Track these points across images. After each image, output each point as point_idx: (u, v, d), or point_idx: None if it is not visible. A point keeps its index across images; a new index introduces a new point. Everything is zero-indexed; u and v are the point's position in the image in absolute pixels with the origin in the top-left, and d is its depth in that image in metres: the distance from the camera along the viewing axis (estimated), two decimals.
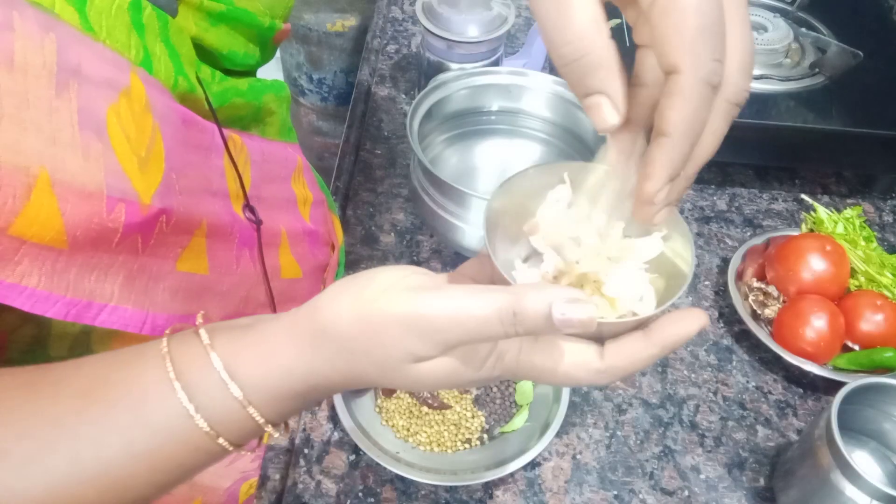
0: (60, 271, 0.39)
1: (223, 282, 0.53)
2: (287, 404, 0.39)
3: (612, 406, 0.71)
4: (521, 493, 0.64)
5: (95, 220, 0.39)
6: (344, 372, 0.38)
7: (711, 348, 0.76)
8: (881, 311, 0.72)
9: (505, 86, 0.86)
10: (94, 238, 0.39)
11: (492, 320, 0.34)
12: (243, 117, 0.57)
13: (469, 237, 0.76)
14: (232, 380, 0.38)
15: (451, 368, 0.37)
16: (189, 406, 0.37)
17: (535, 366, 0.38)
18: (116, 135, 0.39)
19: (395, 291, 0.36)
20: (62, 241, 0.38)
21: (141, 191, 0.41)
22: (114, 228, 0.40)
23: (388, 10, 1.16)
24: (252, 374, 0.38)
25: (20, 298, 0.37)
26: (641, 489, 0.65)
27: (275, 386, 0.38)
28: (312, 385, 0.39)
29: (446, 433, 0.66)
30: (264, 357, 0.39)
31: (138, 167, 0.41)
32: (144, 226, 0.42)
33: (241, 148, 0.55)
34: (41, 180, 0.36)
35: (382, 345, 0.36)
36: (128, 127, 0.40)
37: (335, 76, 1.33)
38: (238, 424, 0.38)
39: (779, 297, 0.75)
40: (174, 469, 0.39)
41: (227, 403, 0.38)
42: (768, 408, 0.72)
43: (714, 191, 0.92)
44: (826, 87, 0.90)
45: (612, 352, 0.38)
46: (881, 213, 0.91)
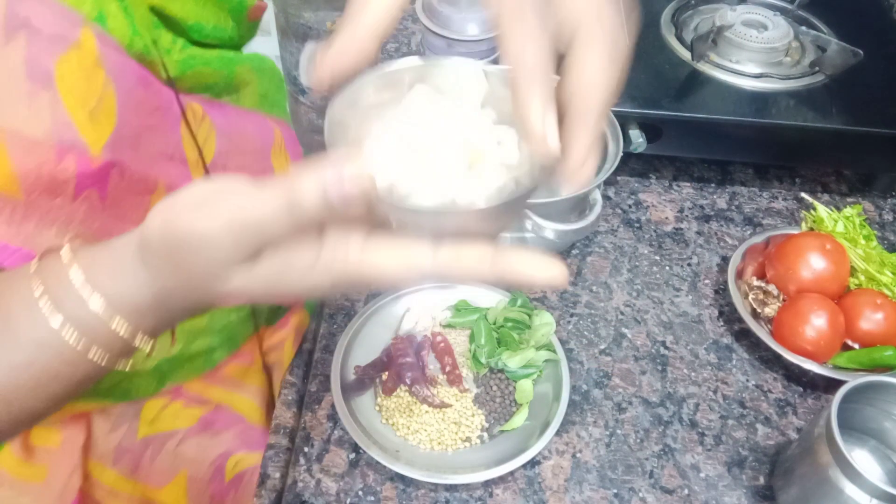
0: (18, 223, 0.40)
1: None
2: (152, 314, 0.39)
3: (611, 405, 0.71)
4: (520, 491, 0.64)
5: (46, 168, 0.39)
6: (173, 288, 0.37)
7: (711, 347, 0.76)
8: (881, 310, 0.72)
9: None
10: (48, 188, 0.40)
11: (273, 216, 0.33)
12: (212, 86, 0.56)
13: None
14: (93, 291, 0.37)
15: (269, 276, 0.36)
16: (54, 320, 0.37)
17: (364, 269, 0.35)
18: (65, 86, 0.40)
19: (190, 208, 0.35)
20: (15, 189, 0.39)
21: (90, 141, 0.41)
22: (65, 179, 0.40)
23: None
24: (109, 284, 0.38)
25: None
26: (641, 488, 0.65)
27: (132, 295, 0.38)
28: (160, 300, 0.38)
29: (446, 432, 0.66)
30: (116, 271, 0.38)
31: (88, 118, 0.41)
32: (97, 178, 0.42)
33: (203, 117, 0.55)
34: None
35: (188, 262, 0.36)
36: (77, 79, 0.40)
37: None
38: (107, 335, 0.38)
39: (779, 296, 0.75)
40: (56, 382, 0.39)
41: (91, 314, 0.37)
42: (768, 406, 0.72)
43: (714, 189, 0.92)
44: (826, 86, 0.90)
45: (447, 258, 0.35)
46: (881, 211, 0.91)
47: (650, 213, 0.88)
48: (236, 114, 0.60)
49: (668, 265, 0.83)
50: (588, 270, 0.82)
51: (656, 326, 0.77)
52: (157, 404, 0.63)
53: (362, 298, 0.77)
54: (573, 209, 0.75)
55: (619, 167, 0.75)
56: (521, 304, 0.73)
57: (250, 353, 0.66)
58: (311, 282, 0.36)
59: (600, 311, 0.78)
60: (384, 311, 0.74)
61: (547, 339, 0.71)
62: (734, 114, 0.86)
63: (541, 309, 0.74)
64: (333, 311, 0.76)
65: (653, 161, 0.94)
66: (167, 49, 0.50)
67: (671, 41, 0.93)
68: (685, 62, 0.91)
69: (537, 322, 0.72)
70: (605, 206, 0.85)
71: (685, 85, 0.89)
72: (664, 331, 0.77)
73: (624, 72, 0.36)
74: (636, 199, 0.90)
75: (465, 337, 0.73)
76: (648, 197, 0.90)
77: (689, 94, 0.89)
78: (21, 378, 0.38)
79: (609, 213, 0.88)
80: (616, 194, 0.90)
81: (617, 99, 0.36)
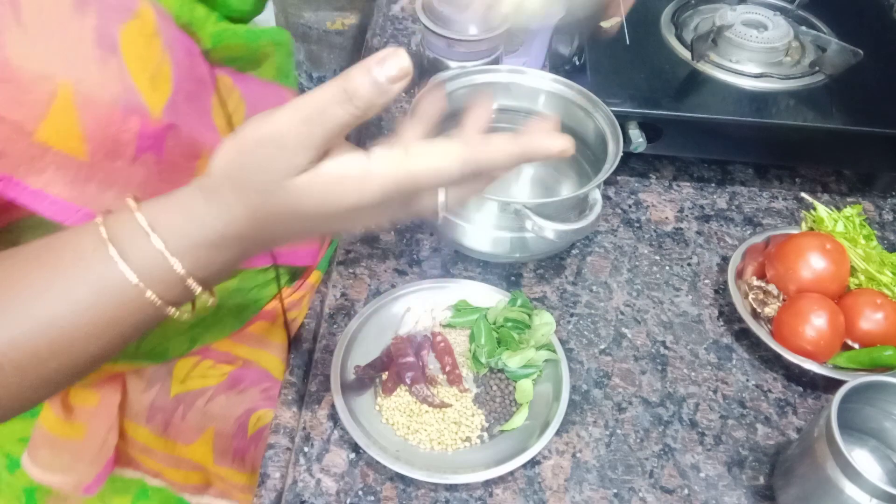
0: (82, 183, 0.43)
1: None
2: (207, 255, 0.41)
3: (611, 404, 0.71)
4: (520, 491, 0.64)
5: (111, 129, 0.42)
6: (242, 212, 0.40)
7: (711, 347, 0.76)
8: (881, 310, 0.72)
9: (505, 84, 0.86)
10: (111, 150, 0.43)
11: (330, 104, 0.37)
12: (238, 58, 0.59)
13: (468, 235, 0.76)
14: (153, 231, 0.40)
15: (328, 181, 0.39)
16: (119, 261, 0.39)
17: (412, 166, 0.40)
18: (129, 52, 0.43)
19: (257, 120, 0.39)
20: (82, 150, 0.42)
21: (151, 104, 0.44)
22: (128, 140, 0.43)
23: (388, 9, 1.15)
24: (171, 224, 0.40)
25: (44, 204, 0.41)
26: (641, 487, 0.65)
27: (192, 234, 0.40)
28: (224, 234, 0.40)
29: (446, 431, 0.66)
30: (179, 210, 0.41)
31: (149, 83, 0.44)
32: (155, 140, 0.45)
33: (232, 89, 0.58)
34: (63, 88, 0.40)
35: (260, 168, 0.39)
36: (139, 46, 0.44)
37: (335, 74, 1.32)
38: (164, 276, 0.40)
39: (779, 296, 0.75)
40: (115, 326, 0.41)
41: (151, 255, 0.40)
42: (768, 406, 0.72)
43: (714, 189, 0.92)
44: (826, 86, 0.90)
45: (478, 143, 0.41)
46: (881, 211, 0.91)
47: (650, 212, 0.88)
48: (258, 86, 0.62)
49: (668, 265, 0.83)
50: (588, 270, 0.82)
51: (656, 326, 0.77)
52: (189, 363, 0.65)
53: (362, 299, 0.77)
54: (573, 209, 0.75)
55: (619, 167, 0.75)
56: (521, 303, 0.73)
57: (273, 312, 0.68)
58: (364, 191, 0.39)
59: (600, 310, 0.78)
60: (384, 311, 0.74)
61: (547, 338, 0.71)
62: (734, 114, 0.86)
63: (541, 309, 0.74)
64: (333, 311, 0.76)
65: (653, 161, 0.94)
66: (202, 21, 0.53)
67: (671, 41, 0.93)
68: (685, 62, 0.91)
69: (537, 322, 0.72)
70: (605, 205, 0.85)
71: (685, 85, 0.89)
72: (664, 331, 0.77)
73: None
74: (636, 198, 0.90)
75: (465, 337, 0.73)
76: (648, 197, 0.90)
77: (689, 93, 0.89)
78: (83, 319, 0.40)
79: (609, 213, 0.88)
80: (616, 194, 0.90)
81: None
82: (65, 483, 0.67)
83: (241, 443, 0.70)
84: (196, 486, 0.74)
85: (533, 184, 0.89)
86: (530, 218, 0.70)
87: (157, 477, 0.72)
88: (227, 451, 0.70)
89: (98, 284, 0.40)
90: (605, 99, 0.81)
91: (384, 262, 0.81)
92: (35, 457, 0.67)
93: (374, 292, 0.78)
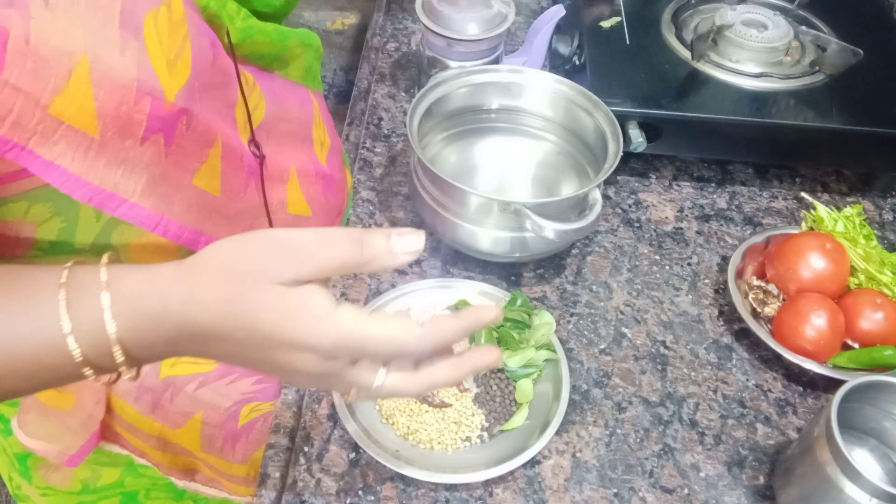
0: (92, 159, 0.44)
1: (231, 206, 0.57)
2: (146, 327, 0.41)
3: (611, 404, 0.71)
4: (520, 490, 0.64)
5: (123, 108, 0.44)
6: (204, 298, 0.41)
7: (711, 346, 0.76)
8: (881, 310, 0.72)
9: (505, 84, 0.86)
10: (122, 128, 0.44)
11: (343, 241, 0.41)
12: (265, 55, 0.61)
13: (468, 235, 0.76)
14: (107, 288, 0.41)
15: (291, 305, 0.41)
16: (62, 306, 0.40)
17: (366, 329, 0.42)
18: (151, 37, 0.45)
19: (277, 228, 0.43)
20: (93, 126, 0.43)
21: (167, 88, 0.46)
22: (139, 120, 0.45)
23: (388, 8, 1.15)
24: (127, 286, 0.41)
25: (54, 175, 0.43)
26: (641, 487, 0.65)
27: (142, 300, 0.41)
28: (185, 318, 0.41)
29: (446, 431, 0.66)
30: (145, 276, 0.42)
31: (167, 67, 0.46)
32: (167, 123, 0.47)
33: (254, 85, 0.59)
34: (81, 65, 0.41)
35: (256, 259, 0.41)
36: (162, 32, 0.45)
37: (335, 74, 1.33)
38: (95, 334, 0.41)
39: (779, 296, 0.75)
40: (31, 367, 0.41)
41: (94, 309, 0.41)
42: (768, 406, 0.72)
43: (714, 189, 0.92)
44: (826, 86, 0.90)
45: (432, 324, 0.43)
46: (881, 211, 0.91)
47: (650, 212, 0.88)
48: (283, 85, 0.64)
49: (668, 265, 0.83)
50: (588, 270, 0.82)
51: (656, 326, 0.77)
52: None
53: (362, 298, 0.77)
54: (573, 209, 0.75)
55: (618, 167, 0.75)
56: (522, 303, 0.73)
57: None
58: (319, 329, 0.41)
59: (600, 310, 0.78)
60: (384, 311, 0.74)
61: (547, 338, 0.71)
62: (734, 113, 0.86)
63: (541, 308, 0.74)
64: None
65: (653, 161, 0.94)
66: (231, 16, 0.54)
67: (671, 41, 0.93)
68: (685, 62, 0.91)
69: (537, 322, 0.72)
70: (605, 205, 0.85)
71: (685, 84, 0.89)
72: (664, 330, 0.77)
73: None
74: (636, 198, 0.90)
75: None
76: (648, 196, 0.90)
77: (689, 93, 0.89)
78: (8, 352, 0.41)
79: (609, 213, 0.88)
80: (616, 194, 0.90)
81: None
82: (49, 451, 0.68)
83: (232, 432, 0.71)
84: (182, 471, 0.75)
85: (533, 184, 0.89)
86: (530, 218, 0.70)
87: (143, 457, 0.72)
88: (216, 439, 0.71)
89: (35, 323, 0.40)
90: (605, 99, 0.81)
91: None
92: (23, 422, 0.67)
93: (374, 292, 0.78)
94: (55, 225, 0.49)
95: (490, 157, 0.89)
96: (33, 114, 0.41)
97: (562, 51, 0.99)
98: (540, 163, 0.89)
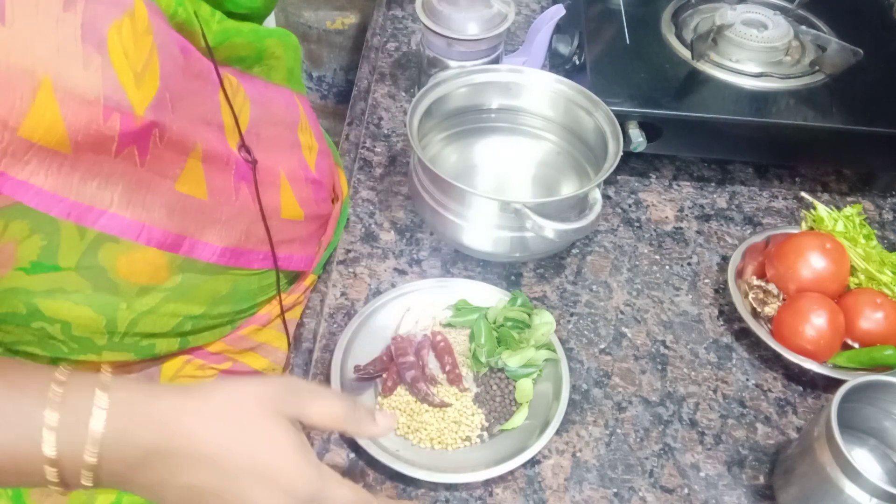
0: (66, 175, 0.43)
1: (222, 210, 0.57)
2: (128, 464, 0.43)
3: (611, 404, 0.71)
4: (520, 490, 0.64)
5: (94, 126, 0.43)
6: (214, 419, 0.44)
7: (711, 346, 0.76)
8: (881, 309, 0.72)
9: (504, 83, 0.86)
10: (94, 144, 0.44)
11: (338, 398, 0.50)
12: (244, 58, 0.60)
13: (469, 235, 0.76)
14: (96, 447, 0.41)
15: (305, 443, 0.46)
16: (47, 427, 0.40)
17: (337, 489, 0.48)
18: (116, 50, 0.43)
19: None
20: (65, 145, 0.42)
21: (135, 103, 0.45)
22: (110, 136, 0.44)
23: (388, 8, 1.15)
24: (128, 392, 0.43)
25: (28, 195, 0.42)
26: (641, 487, 0.65)
27: (121, 470, 0.42)
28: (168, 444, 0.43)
29: (446, 431, 0.66)
30: (146, 391, 0.44)
31: (134, 81, 0.45)
32: (139, 137, 0.46)
33: (238, 88, 0.58)
34: (44, 84, 0.40)
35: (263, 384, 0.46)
36: (127, 44, 0.44)
37: (335, 74, 1.33)
38: (73, 454, 0.41)
39: (779, 295, 0.75)
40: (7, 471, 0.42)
41: (79, 433, 0.41)
42: (768, 406, 0.72)
43: (714, 189, 0.92)
44: (826, 85, 0.90)
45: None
46: (881, 210, 0.91)
47: (650, 212, 0.88)
48: (265, 87, 0.63)
49: (668, 264, 0.83)
50: (588, 270, 0.82)
51: (656, 326, 0.77)
52: (178, 362, 0.65)
53: (362, 298, 0.77)
54: (573, 208, 0.75)
55: (618, 166, 0.75)
56: (521, 303, 0.73)
57: (266, 316, 0.68)
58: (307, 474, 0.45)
59: (600, 310, 0.78)
60: (384, 310, 0.74)
61: (547, 338, 0.71)
62: (734, 113, 0.86)
63: (541, 308, 0.74)
64: (333, 310, 0.76)
65: (653, 160, 0.94)
66: (206, 20, 0.54)
67: (671, 40, 0.93)
68: (685, 61, 0.91)
69: (537, 321, 0.72)
70: (604, 205, 0.85)
71: (685, 84, 0.89)
72: (664, 330, 0.77)
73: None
74: (636, 198, 0.90)
75: (465, 336, 0.73)
76: (648, 196, 0.90)
77: (689, 93, 0.89)
78: None
79: (609, 213, 0.88)
80: (616, 193, 0.90)
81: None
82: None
83: None
84: None
85: (533, 183, 0.89)
86: (530, 217, 0.70)
87: None
88: None
89: (16, 429, 0.41)
90: (605, 98, 0.81)
91: (384, 261, 0.81)
92: None
93: (374, 292, 0.78)
94: (35, 243, 0.48)
95: (490, 157, 0.89)
96: (2, 136, 0.40)
97: (562, 51, 0.99)
98: (540, 162, 0.89)
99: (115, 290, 0.52)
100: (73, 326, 0.53)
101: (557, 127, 0.87)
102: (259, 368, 0.71)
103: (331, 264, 0.80)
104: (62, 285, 0.50)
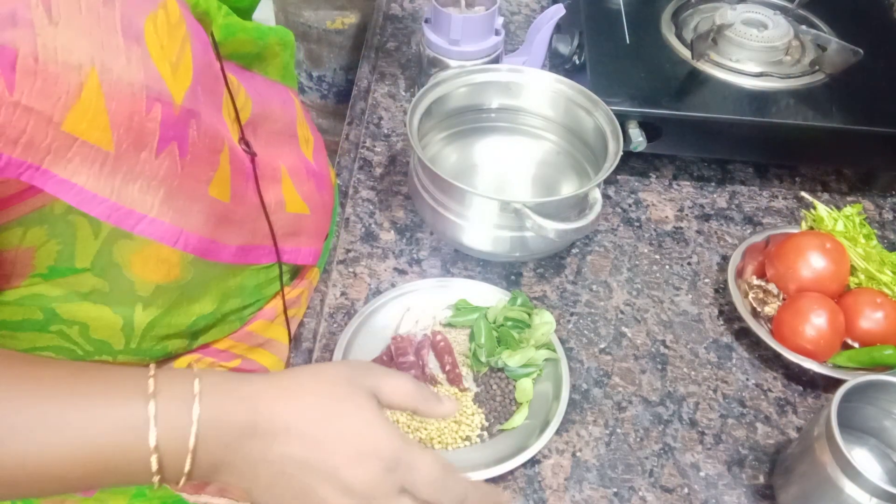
0: (107, 175, 0.43)
1: (238, 211, 0.57)
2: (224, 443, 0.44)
3: (611, 404, 0.71)
4: (520, 490, 0.64)
5: (136, 118, 0.43)
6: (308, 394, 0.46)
7: (711, 346, 0.76)
8: (881, 309, 0.72)
9: (504, 83, 0.86)
10: (136, 140, 0.44)
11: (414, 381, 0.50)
12: (246, 54, 0.60)
13: (468, 235, 0.76)
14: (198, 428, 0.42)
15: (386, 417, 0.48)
16: (151, 419, 0.41)
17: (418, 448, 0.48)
18: (153, 42, 0.44)
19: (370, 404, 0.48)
20: (108, 140, 0.43)
21: (174, 92, 0.46)
22: (152, 129, 0.44)
23: (388, 8, 1.15)
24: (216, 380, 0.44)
25: (69, 194, 0.42)
26: (641, 486, 0.65)
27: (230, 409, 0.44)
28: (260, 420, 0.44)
29: (446, 430, 0.66)
30: (234, 375, 0.45)
31: (171, 71, 0.46)
32: (178, 128, 0.46)
33: (239, 86, 0.58)
34: (91, 78, 0.41)
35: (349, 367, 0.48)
36: (163, 35, 0.45)
37: (335, 74, 1.33)
38: (177, 448, 0.42)
39: (779, 295, 0.75)
40: (102, 473, 0.42)
41: (182, 424, 0.42)
42: (768, 405, 0.72)
43: (714, 188, 0.92)
44: (826, 85, 0.90)
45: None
46: (881, 210, 0.91)
47: (650, 212, 0.88)
48: (264, 84, 0.63)
49: (668, 264, 0.83)
50: (588, 269, 0.82)
51: (656, 325, 0.77)
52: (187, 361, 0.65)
53: (362, 298, 0.77)
54: (573, 208, 0.75)
55: (618, 166, 0.75)
56: (521, 303, 0.73)
57: (272, 311, 0.69)
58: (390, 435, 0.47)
59: (600, 310, 0.78)
60: (384, 310, 0.74)
61: (547, 338, 0.71)
62: (734, 113, 0.86)
63: (541, 308, 0.74)
64: (333, 310, 0.76)
65: (653, 160, 0.94)
66: (215, 13, 0.54)
67: (671, 40, 0.93)
68: (685, 61, 0.91)
69: (537, 321, 0.72)
70: (604, 205, 0.85)
71: (685, 84, 0.89)
72: (664, 330, 0.77)
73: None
74: (636, 198, 0.90)
75: (465, 336, 0.73)
76: (648, 196, 0.90)
77: (689, 93, 0.89)
78: (80, 458, 0.42)
79: (609, 212, 0.88)
80: (616, 193, 0.90)
81: None
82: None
83: None
84: (194, 485, 0.74)
85: (533, 183, 0.89)
86: (530, 217, 0.70)
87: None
88: None
89: (114, 435, 0.41)
90: (605, 98, 0.81)
91: (384, 261, 0.81)
92: None
93: (374, 292, 0.78)
94: (52, 248, 0.48)
95: (490, 157, 0.89)
96: (46, 132, 0.40)
97: (562, 50, 0.99)
98: (540, 162, 0.89)
99: (131, 288, 0.52)
100: (91, 328, 0.53)
101: (557, 127, 0.87)
102: (268, 366, 0.71)
103: (331, 264, 0.80)
104: (80, 287, 0.50)
